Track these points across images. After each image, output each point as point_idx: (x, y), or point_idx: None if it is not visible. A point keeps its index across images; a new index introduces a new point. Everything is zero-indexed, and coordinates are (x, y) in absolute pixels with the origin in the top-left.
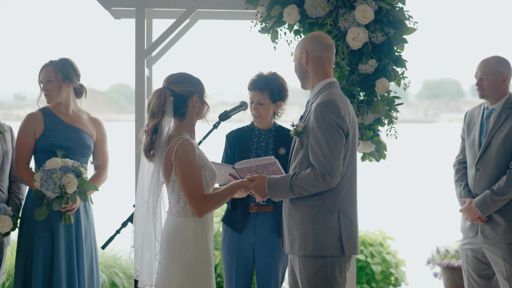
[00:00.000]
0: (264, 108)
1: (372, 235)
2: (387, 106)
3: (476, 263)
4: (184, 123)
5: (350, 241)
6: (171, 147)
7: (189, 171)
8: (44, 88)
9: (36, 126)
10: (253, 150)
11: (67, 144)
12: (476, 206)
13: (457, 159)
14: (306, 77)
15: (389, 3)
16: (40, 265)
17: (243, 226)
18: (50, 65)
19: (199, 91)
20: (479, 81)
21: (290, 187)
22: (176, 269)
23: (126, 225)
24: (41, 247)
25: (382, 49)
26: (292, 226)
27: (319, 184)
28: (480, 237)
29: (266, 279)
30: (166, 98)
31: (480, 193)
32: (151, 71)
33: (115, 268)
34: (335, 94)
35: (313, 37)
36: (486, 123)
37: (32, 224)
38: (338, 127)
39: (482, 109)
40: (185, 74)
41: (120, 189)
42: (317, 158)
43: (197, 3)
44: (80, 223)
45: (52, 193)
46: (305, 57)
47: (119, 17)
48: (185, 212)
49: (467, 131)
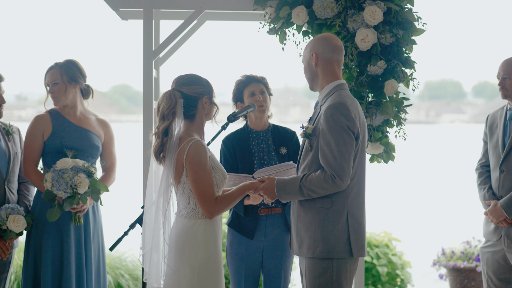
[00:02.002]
0: (265, 98)
1: (378, 237)
2: (395, 107)
3: (497, 266)
4: (194, 124)
5: (358, 243)
6: (182, 148)
7: (200, 173)
8: (51, 91)
9: (44, 128)
10: (254, 153)
11: (76, 145)
12: (502, 207)
13: (479, 163)
14: (315, 78)
15: (398, 4)
16: (49, 266)
17: (253, 231)
18: (56, 67)
19: (208, 92)
20: (502, 81)
21: (299, 189)
22: (186, 271)
23: (134, 227)
24: (50, 248)
25: (391, 50)
26: (301, 228)
27: (329, 187)
28: (504, 240)
29: (275, 279)
30: (177, 100)
31: (505, 195)
32: (158, 72)
33: (120, 270)
34: (345, 97)
35: (323, 39)
36: (509, 124)
37: (41, 225)
38: (349, 130)
39: (504, 110)
40: (194, 75)
41: (126, 190)
42: (327, 161)
43: (205, 4)
44: (88, 224)
45: (64, 193)
46: (315, 59)
47: (127, 18)
48: (195, 214)
49: (490, 134)
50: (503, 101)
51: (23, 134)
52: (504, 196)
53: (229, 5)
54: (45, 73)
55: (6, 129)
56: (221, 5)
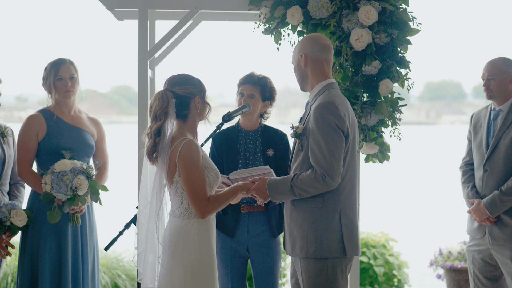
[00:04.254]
0: (254, 102)
1: (375, 237)
2: (390, 107)
3: (483, 264)
4: (186, 124)
5: (352, 242)
6: (175, 148)
7: (193, 172)
8: (69, 84)
9: (38, 128)
10: (241, 153)
11: (72, 145)
12: (485, 206)
13: (463, 161)
14: (305, 79)
15: (392, 4)
16: (47, 266)
17: (234, 229)
18: (68, 62)
19: (201, 92)
20: (486, 82)
21: (290, 188)
22: (180, 271)
23: (129, 227)
24: (48, 248)
25: (386, 50)
26: (294, 227)
27: (319, 186)
28: (488, 238)
29: (265, 279)
30: (169, 100)
31: (488, 194)
32: (154, 72)
33: (117, 270)
34: (335, 96)
35: (311, 39)
36: (493, 124)
37: (38, 225)
38: (338, 129)
39: (488, 110)
40: (186, 75)
41: (123, 190)
42: (317, 160)
43: (200, 4)
44: (85, 224)
45: (64, 196)
46: (304, 59)
47: (122, 18)
48: (189, 213)
49: (474, 133)
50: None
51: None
52: (487, 195)
53: (224, 5)
54: (57, 66)
55: (1, 131)
56: (216, 5)
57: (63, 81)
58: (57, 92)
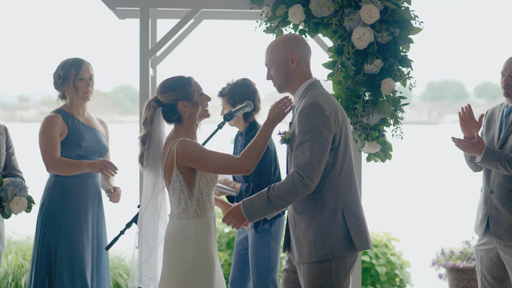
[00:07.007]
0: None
1: (377, 236)
2: (392, 106)
3: (491, 264)
4: (182, 126)
5: (361, 235)
6: (170, 150)
7: (204, 157)
8: (90, 85)
9: (61, 129)
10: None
11: (92, 146)
12: (486, 149)
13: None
14: (291, 80)
15: (394, 2)
16: (65, 261)
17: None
18: (86, 62)
19: (184, 96)
20: (507, 78)
21: (267, 200)
22: (177, 271)
23: (131, 226)
24: (67, 241)
25: (388, 49)
26: (299, 234)
27: (298, 190)
28: (495, 237)
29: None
30: (155, 109)
31: (496, 189)
32: (155, 71)
33: (119, 269)
34: (318, 95)
35: (299, 39)
36: (505, 120)
37: (56, 219)
38: (323, 129)
39: (503, 107)
40: (168, 82)
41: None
42: (298, 162)
43: (202, 2)
44: (102, 217)
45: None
46: (296, 60)
47: (124, 17)
48: (186, 214)
49: (487, 128)
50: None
51: (22, 135)
52: (494, 190)
53: (226, 4)
54: (78, 66)
55: None
56: (218, 4)
57: (84, 81)
58: (77, 92)
